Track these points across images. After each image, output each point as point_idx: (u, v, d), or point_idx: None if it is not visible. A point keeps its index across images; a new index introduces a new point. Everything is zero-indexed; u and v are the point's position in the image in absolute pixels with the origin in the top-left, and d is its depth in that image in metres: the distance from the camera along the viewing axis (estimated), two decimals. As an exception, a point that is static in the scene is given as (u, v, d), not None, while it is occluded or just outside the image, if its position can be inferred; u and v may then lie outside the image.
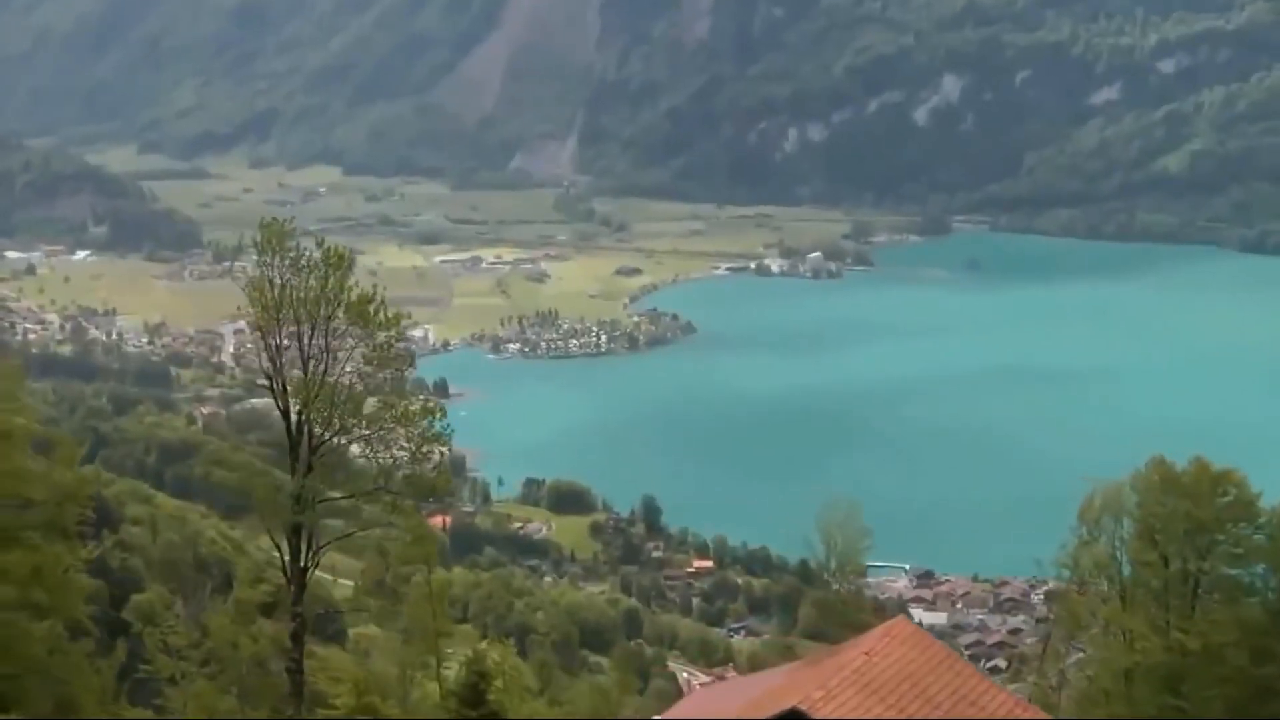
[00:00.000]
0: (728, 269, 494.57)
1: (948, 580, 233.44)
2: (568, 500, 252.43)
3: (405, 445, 36.92)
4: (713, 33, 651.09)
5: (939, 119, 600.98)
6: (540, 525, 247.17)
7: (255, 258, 36.04)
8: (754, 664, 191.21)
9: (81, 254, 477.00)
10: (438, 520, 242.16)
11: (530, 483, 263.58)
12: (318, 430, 36.34)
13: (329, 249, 35.72)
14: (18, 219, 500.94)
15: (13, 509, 36.84)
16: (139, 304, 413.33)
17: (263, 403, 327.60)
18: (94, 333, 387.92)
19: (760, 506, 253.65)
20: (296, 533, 35.87)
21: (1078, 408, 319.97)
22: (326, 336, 35.74)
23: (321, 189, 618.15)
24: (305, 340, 35.68)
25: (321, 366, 35.83)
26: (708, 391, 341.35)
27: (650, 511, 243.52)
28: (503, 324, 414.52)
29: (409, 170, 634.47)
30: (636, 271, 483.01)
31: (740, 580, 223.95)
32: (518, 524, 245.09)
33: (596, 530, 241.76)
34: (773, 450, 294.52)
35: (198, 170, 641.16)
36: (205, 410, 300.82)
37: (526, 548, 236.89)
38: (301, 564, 35.79)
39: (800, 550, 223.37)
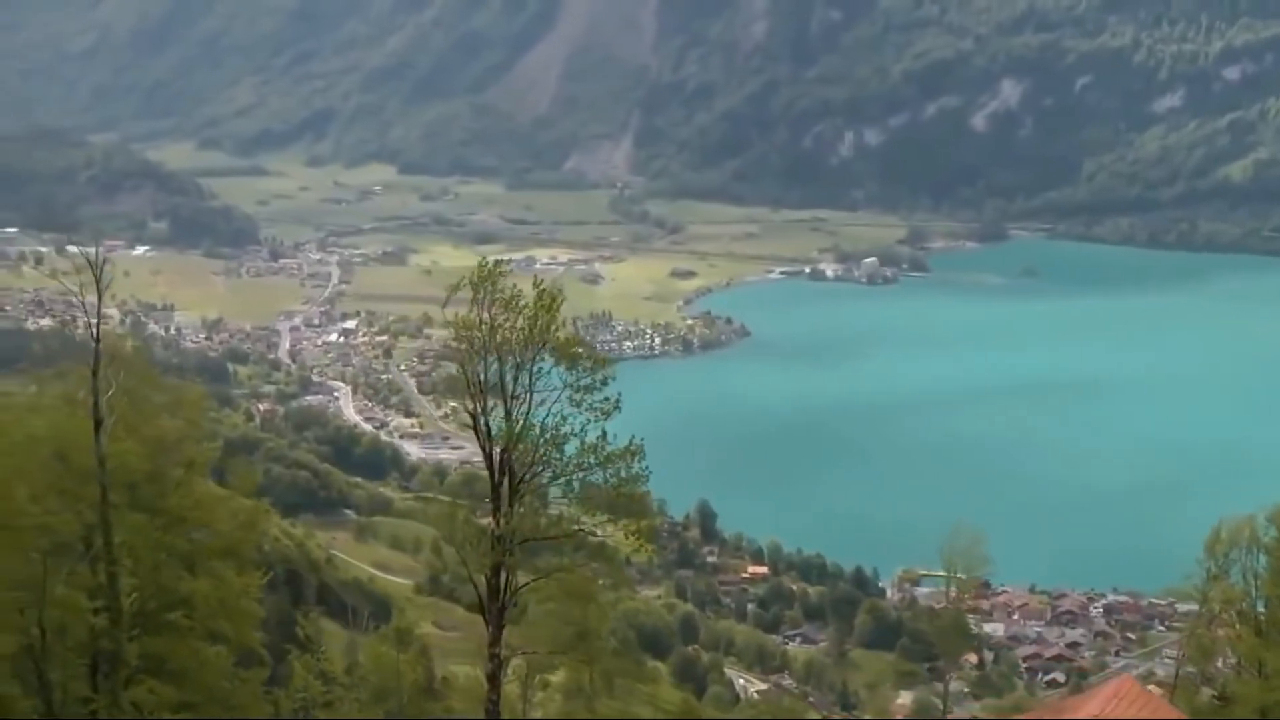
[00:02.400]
0: (782, 273, 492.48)
1: (1005, 591, 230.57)
2: (623, 503, 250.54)
3: (605, 485, 35.93)
4: (769, 35, 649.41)
5: (997, 124, 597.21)
6: (596, 527, 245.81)
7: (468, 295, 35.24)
8: (810, 672, 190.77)
9: (141, 249, 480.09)
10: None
11: (585, 484, 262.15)
12: (518, 470, 35.52)
13: (543, 290, 34.96)
14: (80, 214, 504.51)
15: (197, 537, 36.26)
16: (197, 299, 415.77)
17: (317, 400, 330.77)
18: (153, 327, 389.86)
19: (814, 513, 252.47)
20: (496, 573, 35.04)
21: (1134, 421, 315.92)
22: (531, 376, 34.92)
23: (377, 188, 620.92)
24: (509, 379, 34.92)
25: (524, 406, 35.10)
26: (761, 396, 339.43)
27: (705, 516, 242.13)
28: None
29: (464, 170, 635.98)
30: (690, 274, 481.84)
31: (795, 587, 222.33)
32: (574, 526, 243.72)
33: (652, 534, 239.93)
34: (826, 457, 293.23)
35: (255, 168, 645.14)
36: (262, 407, 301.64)
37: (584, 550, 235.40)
38: (500, 603, 34.91)
39: (854, 558, 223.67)
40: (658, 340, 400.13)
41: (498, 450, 35.60)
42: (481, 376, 34.75)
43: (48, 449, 33.68)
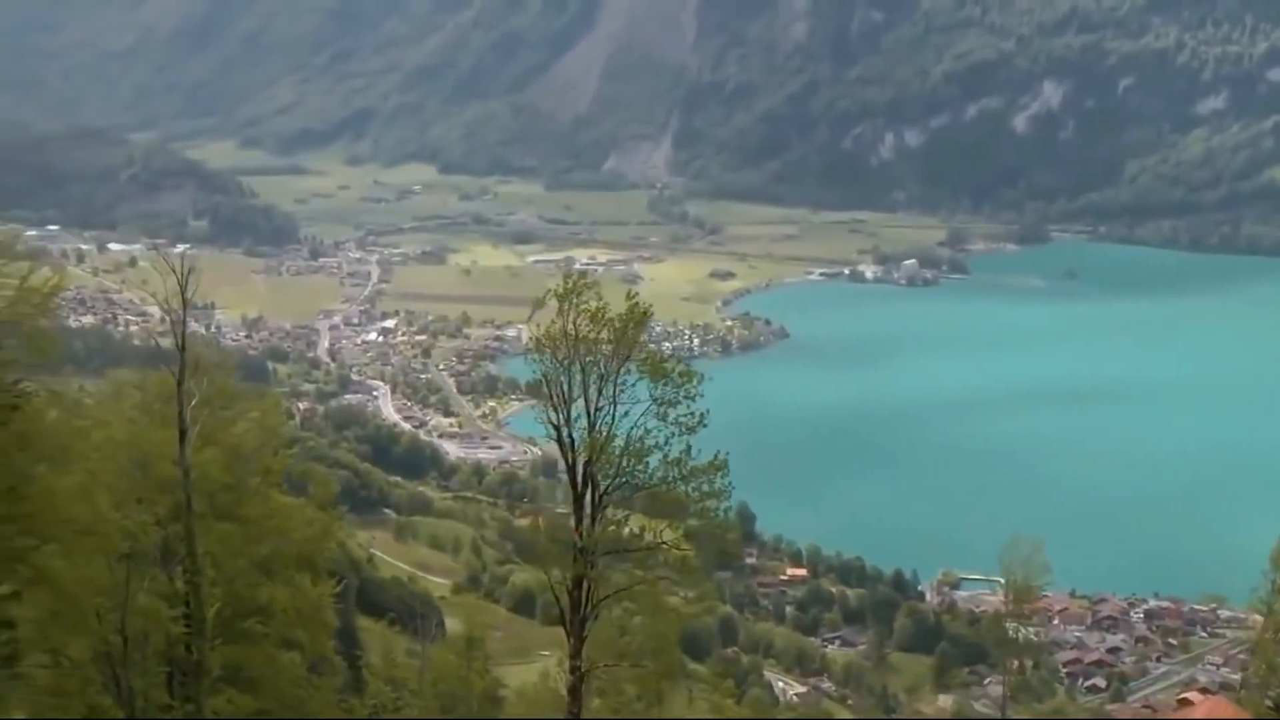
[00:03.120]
0: (821, 274, 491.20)
1: (1044, 595, 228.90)
2: (661, 503, 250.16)
3: (688, 499, 35.77)
4: (809, 35, 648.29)
5: (1039, 126, 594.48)
6: (635, 528, 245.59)
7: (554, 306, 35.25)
8: (849, 675, 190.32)
9: (182, 247, 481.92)
10: (532, 521, 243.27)
11: (624, 485, 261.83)
12: (602, 483, 35.46)
13: (633, 304, 34.91)
14: (121, 212, 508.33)
15: (273, 545, 36.39)
16: (237, 298, 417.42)
17: (357, 399, 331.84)
18: (193, 325, 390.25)
19: (854, 515, 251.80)
20: (578, 585, 34.95)
21: (1174, 426, 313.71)
22: (615, 389, 34.84)
23: (417, 187, 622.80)
24: (594, 392, 34.88)
25: (609, 419, 35.00)
26: (800, 397, 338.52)
27: (744, 517, 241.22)
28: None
29: (503, 169, 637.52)
30: (730, 275, 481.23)
31: (834, 589, 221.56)
32: (612, 526, 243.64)
33: (690, 534, 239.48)
34: (865, 459, 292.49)
35: (295, 167, 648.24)
36: (302, 405, 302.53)
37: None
38: (581, 616, 34.84)
39: (893, 561, 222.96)
40: (696, 341, 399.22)
41: (581, 462, 35.49)
42: (566, 388, 34.69)
43: (126, 456, 33.84)
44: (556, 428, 35.12)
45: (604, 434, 34.40)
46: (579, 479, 35.35)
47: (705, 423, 34.68)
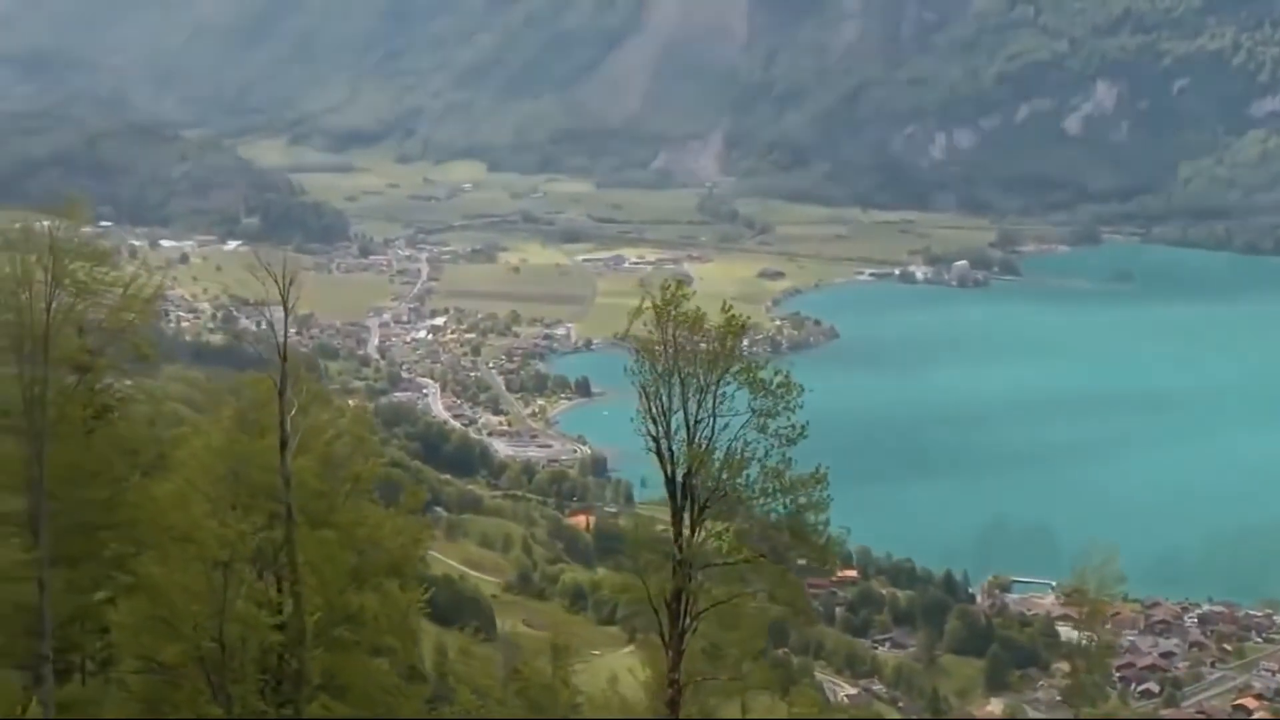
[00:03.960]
0: (871, 275, 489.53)
1: (1097, 598, 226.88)
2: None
3: (785, 510, 35.48)
4: (860, 36, 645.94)
5: (1091, 127, 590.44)
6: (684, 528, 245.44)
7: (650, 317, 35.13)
8: (900, 677, 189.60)
9: (233, 244, 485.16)
10: (580, 519, 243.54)
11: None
12: (700, 494, 35.27)
13: (731, 315, 34.90)
14: (173, 208, 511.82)
15: (364, 553, 36.52)
16: (291, 294, 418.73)
17: (406, 397, 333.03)
18: (244, 322, 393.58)
19: (904, 517, 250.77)
20: (677, 598, 34.82)
21: (1225, 430, 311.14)
22: (714, 400, 34.66)
23: (467, 185, 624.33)
24: (693, 403, 34.70)
25: (707, 430, 34.83)
26: (848, 398, 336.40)
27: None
28: (645, 324, 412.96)
29: (553, 168, 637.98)
30: (779, 275, 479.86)
31: (884, 591, 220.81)
32: (661, 526, 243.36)
33: (741, 535, 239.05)
34: (915, 460, 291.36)
35: (346, 164, 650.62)
36: (352, 403, 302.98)
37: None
38: (680, 629, 34.67)
39: (943, 563, 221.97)
40: (745, 341, 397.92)
41: (680, 474, 35.28)
42: (665, 400, 34.52)
43: (223, 463, 34.01)
44: (655, 440, 34.96)
45: (704, 446, 34.21)
46: (678, 492, 35.14)
47: (805, 434, 34.48)
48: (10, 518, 31.93)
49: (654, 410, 34.69)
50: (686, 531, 34.58)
